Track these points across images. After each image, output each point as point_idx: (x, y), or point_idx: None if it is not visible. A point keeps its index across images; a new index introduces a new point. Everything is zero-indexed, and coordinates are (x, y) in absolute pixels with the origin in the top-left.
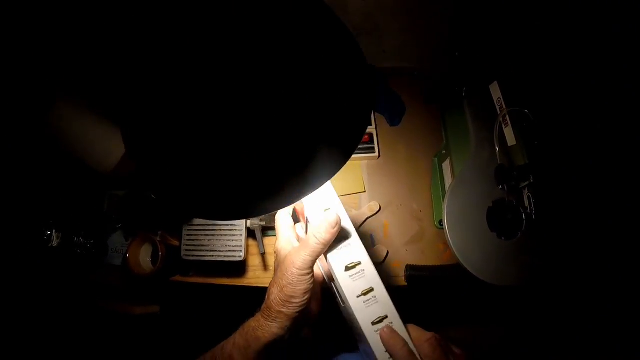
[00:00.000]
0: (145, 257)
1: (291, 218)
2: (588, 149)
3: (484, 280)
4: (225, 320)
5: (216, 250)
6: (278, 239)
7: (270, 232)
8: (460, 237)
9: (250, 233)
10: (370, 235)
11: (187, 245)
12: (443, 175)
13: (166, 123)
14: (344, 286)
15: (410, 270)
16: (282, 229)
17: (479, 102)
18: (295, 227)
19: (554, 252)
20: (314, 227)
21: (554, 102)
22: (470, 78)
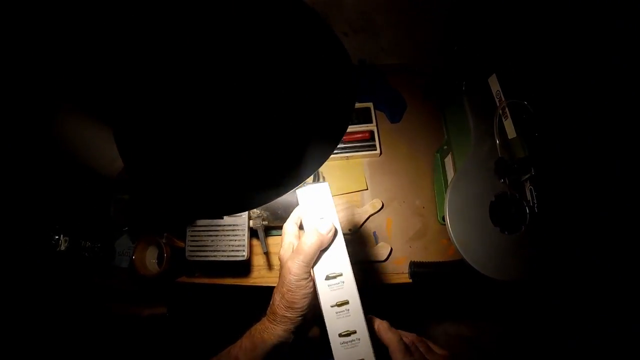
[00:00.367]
0: (151, 259)
1: (297, 227)
2: (588, 139)
3: (488, 275)
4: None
5: (219, 250)
6: (282, 246)
7: (273, 232)
8: (463, 232)
9: (253, 233)
10: (373, 233)
11: (191, 246)
12: (445, 171)
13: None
14: (320, 293)
15: (414, 267)
16: (286, 237)
17: (478, 96)
18: (300, 235)
19: (557, 245)
20: (307, 232)
21: (553, 93)
22: (469, 72)
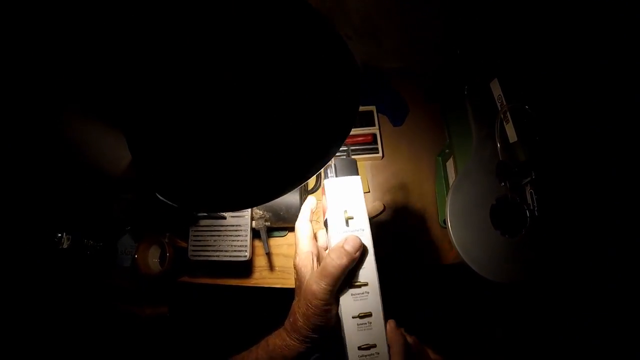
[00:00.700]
0: (153, 258)
1: (310, 225)
2: (589, 143)
3: (488, 278)
4: (232, 320)
5: (222, 251)
6: (297, 252)
7: (275, 233)
8: (464, 235)
9: (256, 234)
10: None
11: (194, 245)
12: (447, 175)
13: (169, 123)
14: (342, 303)
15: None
16: (302, 240)
17: (480, 100)
18: (317, 236)
19: (557, 248)
20: (333, 250)
21: (554, 97)
22: (471, 76)
